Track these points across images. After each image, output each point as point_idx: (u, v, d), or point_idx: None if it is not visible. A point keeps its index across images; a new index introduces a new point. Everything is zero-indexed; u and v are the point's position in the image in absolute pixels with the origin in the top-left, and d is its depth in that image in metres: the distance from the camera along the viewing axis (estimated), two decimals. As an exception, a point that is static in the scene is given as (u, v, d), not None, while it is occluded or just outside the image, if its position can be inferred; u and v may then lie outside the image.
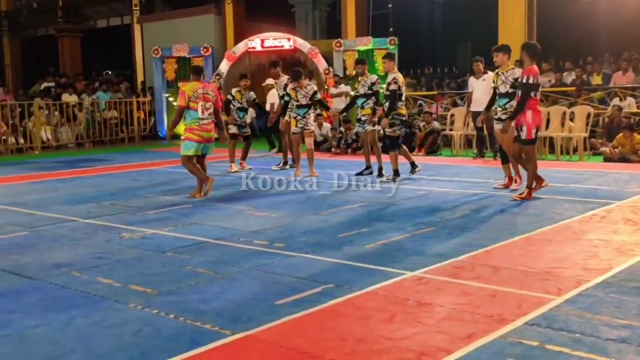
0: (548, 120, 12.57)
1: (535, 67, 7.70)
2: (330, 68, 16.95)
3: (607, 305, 4.05)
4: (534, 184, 7.83)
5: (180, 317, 4.02)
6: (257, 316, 3.99)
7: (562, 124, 12.57)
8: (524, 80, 7.62)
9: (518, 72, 8.13)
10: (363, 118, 10.12)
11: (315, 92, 10.45)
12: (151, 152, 15.58)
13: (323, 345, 3.54)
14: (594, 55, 16.29)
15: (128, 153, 15.41)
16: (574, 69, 15.21)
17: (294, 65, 18.18)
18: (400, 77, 9.40)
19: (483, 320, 3.86)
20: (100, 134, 18.13)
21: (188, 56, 18.95)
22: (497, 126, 8.42)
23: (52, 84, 19.76)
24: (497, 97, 8.41)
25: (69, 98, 17.80)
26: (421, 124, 14.38)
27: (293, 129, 10.57)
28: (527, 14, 15.95)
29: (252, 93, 11.82)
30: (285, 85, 11.20)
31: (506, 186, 8.57)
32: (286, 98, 10.86)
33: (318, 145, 14.26)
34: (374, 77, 10.10)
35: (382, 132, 9.98)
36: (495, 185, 8.72)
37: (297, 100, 10.40)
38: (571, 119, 12.61)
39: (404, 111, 9.50)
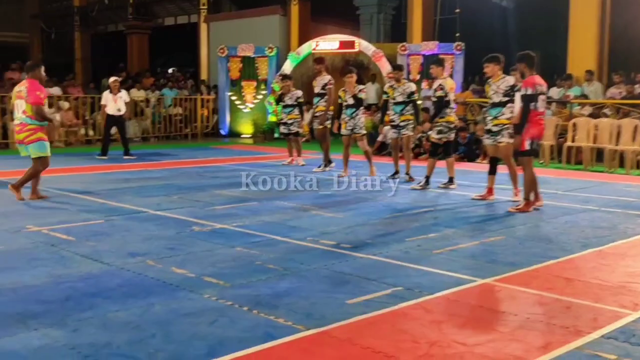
0: (618, 134, 12.26)
1: (536, 77, 7.42)
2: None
3: (687, 324, 3.95)
4: (532, 196, 7.65)
5: (254, 310, 4.10)
6: (329, 314, 4.04)
7: (634, 138, 12.22)
8: (523, 92, 7.40)
9: (511, 79, 8.00)
10: (402, 124, 10.13)
11: (360, 91, 10.51)
12: (214, 149, 15.85)
13: (396, 346, 3.56)
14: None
15: (192, 149, 15.72)
16: (647, 81, 14.78)
17: (357, 68, 18.30)
18: (447, 84, 9.21)
19: (558, 331, 3.81)
20: (165, 129, 18.55)
21: (253, 56, 19.23)
22: (487, 141, 8.26)
23: (120, 79, 20.31)
24: (489, 107, 8.28)
25: (136, 94, 18.29)
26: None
27: (342, 130, 10.64)
28: (599, 24, 15.58)
29: (298, 91, 12.10)
30: (325, 85, 11.23)
31: (484, 197, 8.41)
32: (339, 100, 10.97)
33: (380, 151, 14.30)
34: (413, 86, 10.24)
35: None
36: (473, 197, 8.55)
37: (345, 101, 10.48)
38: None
39: (452, 118, 9.36)
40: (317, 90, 11.38)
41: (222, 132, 19.64)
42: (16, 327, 3.74)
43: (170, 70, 23.95)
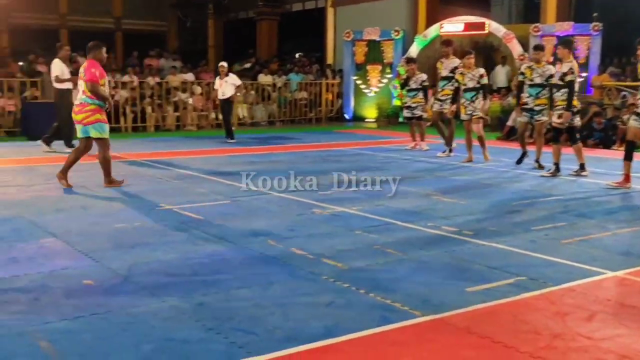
0: None
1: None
2: (526, 54, 16.25)
3: None
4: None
5: (371, 293, 4.11)
6: (447, 301, 3.97)
7: None
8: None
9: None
10: (536, 108, 9.65)
11: (481, 76, 10.16)
12: (338, 133, 15.99)
13: (517, 337, 3.44)
14: None
15: (316, 133, 15.95)
16: None
17: (486, 51, 17.76)
18: (575, 66, 8.77)
19: (698, 331, 3.53)
20: (290, 113, 18.93)
21: (378, 39, 19.16)
22: (634, 123, 8.02)
23: (249, 65, 20.96)
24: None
25: (264, 79, 18.79)
26: (625, 117, 13.34)
27: (462, 116, 10.36)
28: None
29: (423, 75, 11.90)
30: (455, 68, 10.92)
31: (620, 185, 7.90)
32: (455, 83, 10.68)
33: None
34: (553, 69, 9.73)
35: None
36: (608, 184, 8.08)
37: (465, 84, 10.17)
38: None
39: (576, 102, 8.86)
40: (444, 73, 11.17)
41: (346, 116, 19.76)
42: (148, 298, 3.98)
43: (297, 56, 24.35)
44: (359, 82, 19.65)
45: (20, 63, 17.04)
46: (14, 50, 18.68)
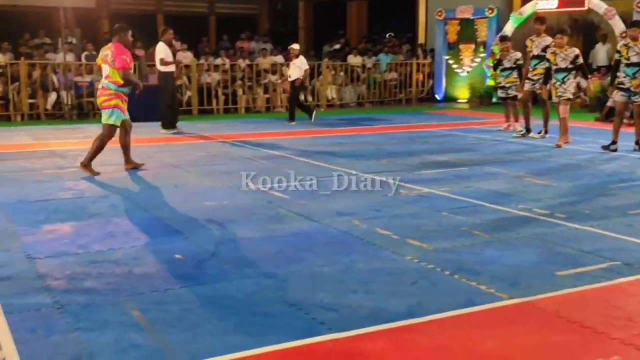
0: None
1: None
2: (627, 31, 15.39)
3: None
4: None
5: (456, 274, 4.04)
6: (536, 284, 3.85)
7: None
8: None
9: None
10: (633, 89, 9.11)
11: (577, 56, 9.65)
12: (428, 114, 15.75)
13: (608, 322, 3.30)
14: None
15: (405, 114, 15.77)
16: None
17: (585, 28, 16.96)
18: None
19: None
20: (380, 94, 18.80)
21: (471, 18, 18.65)
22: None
23: (339, 46, 20.92)
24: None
25: (353, 59, 18.72)
26: None
27: (554, 98, 9.92)
28: None
29: (517, 53, 11.47)
30: (546, 47, 10.45)
31: None
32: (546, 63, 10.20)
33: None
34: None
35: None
36: None
37: (556, 64, 9.71)
38: None
39: None
40: (535, 52, 10.76)
41: (437, 96, 19.41)
42: (233, 273, 4.07)
43: (387, 36, 24.11)
44: (450, 61, 19.24)
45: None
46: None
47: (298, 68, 13.50)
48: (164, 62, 11.71)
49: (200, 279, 3.97)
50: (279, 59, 17.94)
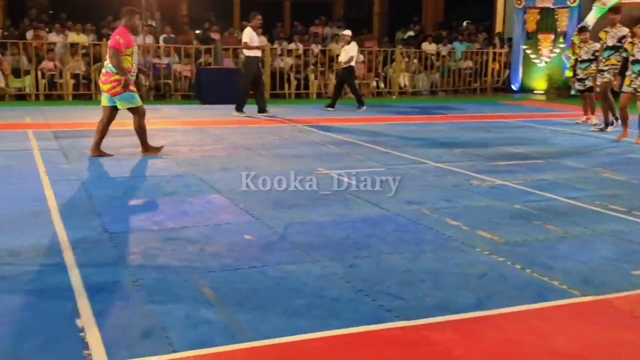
0: None
1: None
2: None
3: None
4: None
5: (527, 269, 3.96)
6: (610, 282, 3.74)
7: None
8: None
9: None
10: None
11: None
12: (503, 105, 15.41)
13: (688, 328, 3.17)
14: None
15: (480, 104, 15.48)
16: None
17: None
18: None
19: None
20: (454, 83, 18.50)
21: (552, 7, 18.08)
22: None
23: (414, 33, 20.68)
24: None
25: (428, 47, 18.48)
26: None
27: (624, 87, 9.47)
28: None
29: (595, 44, 11.03)
30: (623, 38, 9.98)
31: None
32: (623, 54, 9.74)
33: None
34: None
35: None
36: None
37: (633, 55, 9.26)
38: None
39: None
40: (610, 42, 10.29)
41: (514, 87, 18.95)
42: (301, 256, 4.12)
43: (464, 24, 23.66)
44: (528, 51, 18.72)
45: (197, 31, 18.08)
46: (191, 19, 19.82)
47: (347, 54, 13.38)
48: (247, 46, 11.87)
49: (269, 260, 4.03)
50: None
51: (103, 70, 7.46)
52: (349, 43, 13.43)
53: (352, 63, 13.35)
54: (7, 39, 14.81)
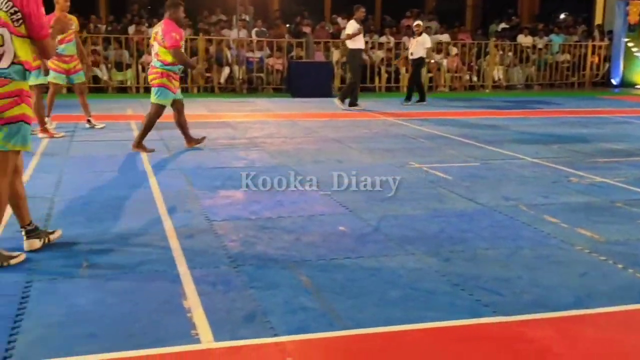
0: None
1: None
2: None
3: None
4: None
5: (630, 268, 3.84)
6: None
7: None
8: None
9: None
10: None
11: None
12: (602, 100, 14.83)
13: None
14: None
15: (577, 98, 14.95)
16: None
17: None
18: None
19: None
20: (550, 76, 17.93)
21: (657, -3, 17.21)
22: None
23: (508, 25, 20.16)
24: None
25: (523, 39, 17.98)
26: None
27: None
28: None
29: None
30: None
31: None
32: None
33: None
34: None
35: None
36: None
37: None
38: None
39: None
40: None
41: (614, 81, 18.16)
42: (396, 249, 4.15)
43: (562, 16, 22.86)
44: (630, 44, 17.89)
45: (289, 25, 18.33)
46: (283, 13, 20.10)
47: (421, 46, 13.10)
48: (348, 37, 11.95)
49: (363, 252, 4.08)
50: (445, 37, 17.66)
51: (151, 64, 7.44)
52: (420, 34, 13.21)
53: (423, 55, 13.14)
54: (111, 34, 15.53)
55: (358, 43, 12.01)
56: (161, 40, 7.14)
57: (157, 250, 4.04)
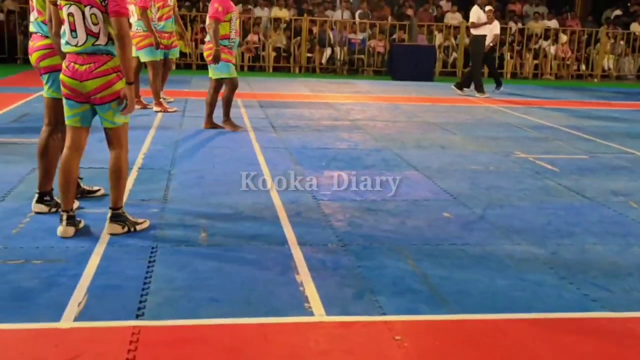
0: None
1: None
2: None
3: None
4: None
5: None
6: None
7: None
8: None
9: None
10: None
11: None
12: None
13: None
14: None
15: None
16: None
17: None
18: None
19: None
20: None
21: None
22: None
23: (621, 12, 19.24)
24: None
25: (637, 28, 17.14)
26: None
27: None
28: None
29: None
30: None
31: None
32: None
33: None
34: None
35: None
36: None
37: None
38: None
39: None
40: None
41: None
42: (502, 238, 4.16)
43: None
44: None
45: (392, 7, 18.23)
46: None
47: (491, 32, 12.54)
48: (474, 25, 11.77)
49: (469, 239, 4.12)
50: (553, 23, 17.11)
51: (206, 39, 7.37)
52: (492, 21, 12.71)
53: (490, 41, 12.61)
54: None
55: (481, 30, 11.78)
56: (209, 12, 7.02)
57: (268, 225, 4.23)
